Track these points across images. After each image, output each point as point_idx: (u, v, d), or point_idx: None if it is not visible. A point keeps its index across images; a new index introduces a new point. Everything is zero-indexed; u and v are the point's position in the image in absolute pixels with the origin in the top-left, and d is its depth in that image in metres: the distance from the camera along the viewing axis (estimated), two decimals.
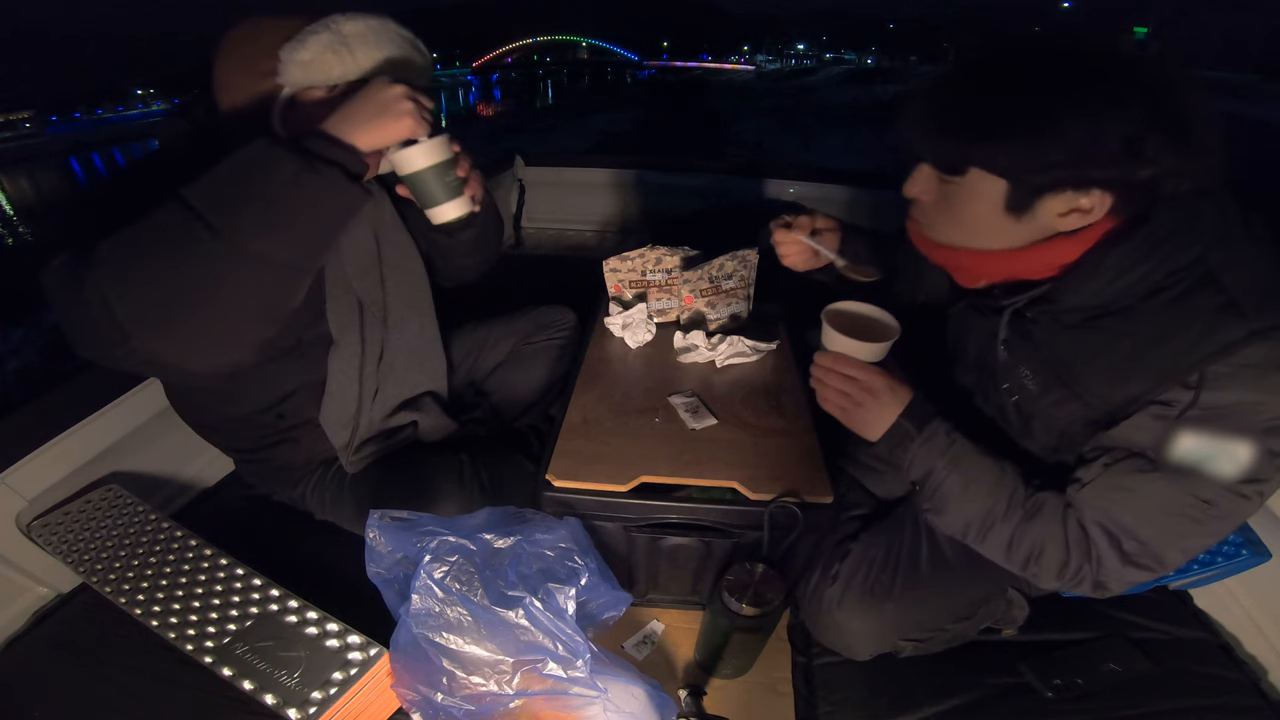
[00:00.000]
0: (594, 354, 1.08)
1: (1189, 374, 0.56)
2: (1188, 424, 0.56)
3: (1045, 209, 0.59)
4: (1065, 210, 0.58)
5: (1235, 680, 0.85)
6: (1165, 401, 0.58)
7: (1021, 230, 0.62)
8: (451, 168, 0.77)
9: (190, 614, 0.79)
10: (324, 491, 0.98)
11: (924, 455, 0.71)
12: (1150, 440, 0.59)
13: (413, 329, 1.00)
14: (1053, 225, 0.60)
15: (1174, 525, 0.59)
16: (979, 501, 0.68)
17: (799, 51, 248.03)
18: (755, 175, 2.37)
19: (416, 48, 0.79)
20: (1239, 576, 0.93)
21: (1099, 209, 0.57)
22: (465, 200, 0.80)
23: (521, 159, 2.47)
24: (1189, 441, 0.57)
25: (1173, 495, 0.58)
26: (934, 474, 0.70)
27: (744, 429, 0.91)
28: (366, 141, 0.68)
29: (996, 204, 0.61)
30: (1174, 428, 0.57)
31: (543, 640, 0.70)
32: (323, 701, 0.70)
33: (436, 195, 0.77)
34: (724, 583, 0.79)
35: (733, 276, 1.10)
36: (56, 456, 0.96)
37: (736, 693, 0.91)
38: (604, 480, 0.82)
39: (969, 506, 0.69)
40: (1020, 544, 0.67)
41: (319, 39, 0.72)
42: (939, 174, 0.65)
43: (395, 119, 0.68)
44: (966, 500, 0.69)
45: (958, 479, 0.69)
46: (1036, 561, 0.66)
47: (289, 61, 0.71)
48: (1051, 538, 0.64)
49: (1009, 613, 0.87)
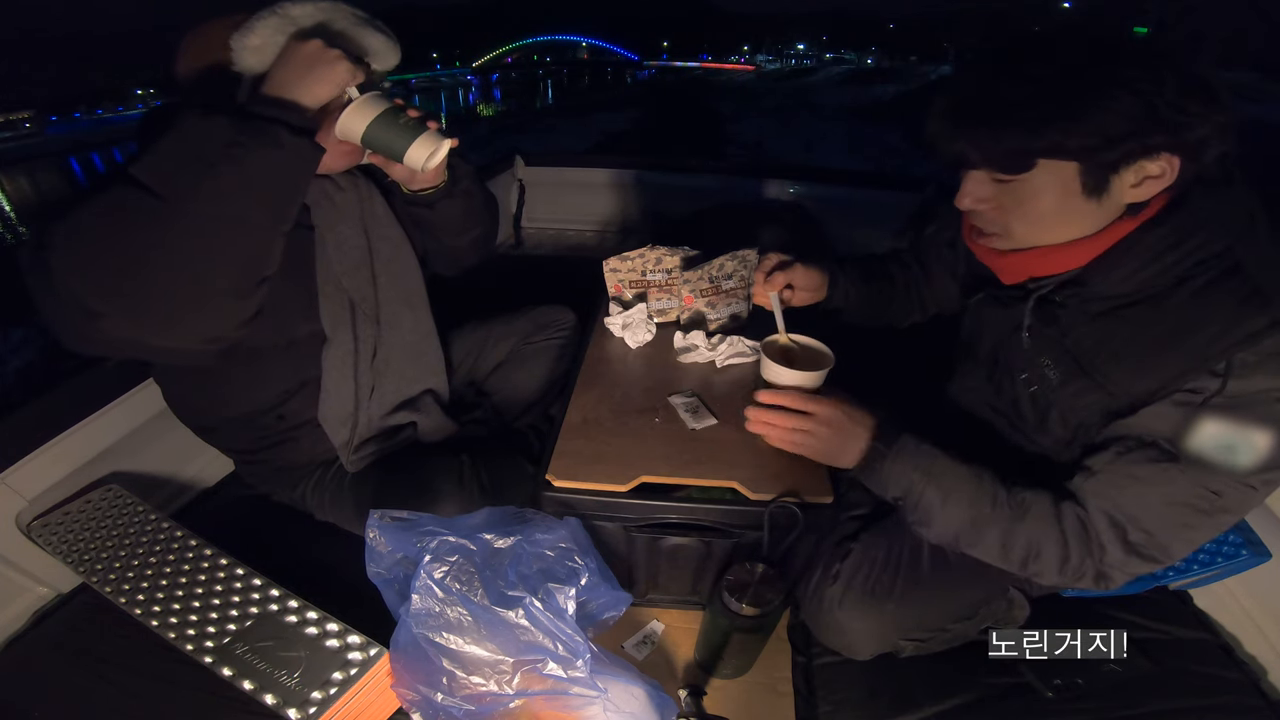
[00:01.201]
0: (594, 354, 1.08)
1: (1216, 362, 0.56)
2: (1212, 411, 0.57)
3: (1119, 184, 0.59)
4: (1137, 180, 0.58)
5: (1235, 680, 0.85)
6: (1191, 389, 0.58)
7: (1099, 211, 0.61)
8: (401, 113, 0.76)
9: (190, 614, 0.79)
10: (324, 492, 0.98)
11: (898, 472, 0.71)
12: (1169, 428, 0.59)
13: (407, 325, 1.00)
14: (1124, 199, 0.60)
15: (1181, 515, 0.59)
16: (962, 509, 0.68)
17: (799, 51, 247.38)
18: (755, 175, 2.37)
19: (375, 26, 0.79)
20: (1239, 576, 0.93)
21: (1170, 172, 0.57)
22: (432, 134, 0.77)
23: (521, 159, 2.47)
24: (1211, 428, 0.57)
25: (1184, 484, 0.58)
26: (912, 489, 0.71)
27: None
28: (308, 96, 0.68)
29: (1071, 191, 0.60)
30: (1197, 414, 0.57)
31: (543, 640, 0.70)
32: (323, 701, 0.70)
33: (400, 139, 0.75)
34: (724, 583, 0.79)
35: (733, 276, 1.10)
36: (56, 456, 0.96)
37: (736, 693, 0.91)
38: (604, 480, 0.82)
39: (953, 515, 0.69)
40: (1014, 545, 0.67)
41: (266, 24, 0.71)
42: (994, 177, 0.63)
43: (328, 65, 0.68)
44: (949, 510, 0.69)
45: (935, 491, 0.69)
46: (1035, 560, 0.66)
47: (240, 49, 0.71)
48: (1046, 535, 0.64)
49: (1010, 613, 0.87)
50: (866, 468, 0.73)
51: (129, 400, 1.05)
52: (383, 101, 0.74)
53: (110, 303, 0.61)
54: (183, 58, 0.77)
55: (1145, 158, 0.57)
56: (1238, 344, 0.56)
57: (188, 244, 0.62)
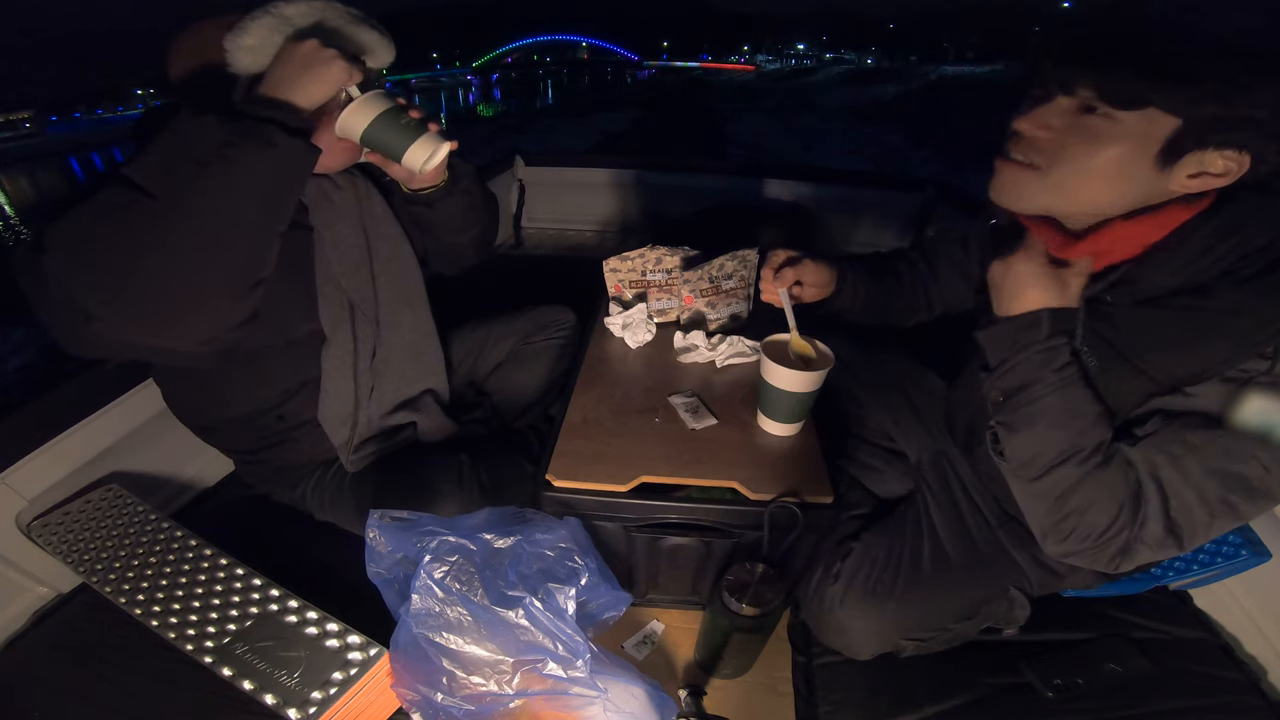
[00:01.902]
0: (594, 354, 1.08)
1: (1265, 345, 0.56)
2: (1260, 387, 0.56)
3: (1183, 166, 0.57)
4: (1195, 171, 0.57)
5: (1235, 680, 0.85)
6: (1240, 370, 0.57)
7: (1146, 189, 0.59)
8: (402, 113, 0.76)
9: (190, 614, 0.79)
10: (324, 492, 0.98)
11: (1035, 365, 0.64)
12: (1216, 404, 0.58)
13: (406, 325, 1.00)
14: (1174, 185, 0.58)
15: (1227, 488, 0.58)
16: (1067, 434, 0.63)
17: (799, 51, 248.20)
18: (755, 175, 2.37)
19: (370, 24, 0.79)
20: (1239, 576, 0.93)
21: (1234, 172, 0.56)
22: (433, 136, 0.77)
23: (521, 159, 2.47)
24: (1259, 403, 0.56)
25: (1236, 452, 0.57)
26: (1033, 387, 0.63)
27: (744, 429, 0.91)
28: (304, 97, 0.68)
29: (1149, 150, 0.57)
30: (1244, 390, 0.56)
31: (543, 640, 0.70)
32: (323, 701, 0.70)
33: (400, 139, 0.75)
34: (724, 583, 0.79)
35: (733, 276, 1.10)
36: (56, 456, 0.96)
37: (736, 693, 0.91)
38: (604, 480, 0.82)
39: (1054, 436, 0.63)
40: (1076, 493, 0.62)
41: (261, 23, 0.71)
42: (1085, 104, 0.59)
43: (324, 65, 0.68)
44: (1054, 429, 0.63)
45: (1057, 403, 0.63)
46: (1080, 515, 0.62)
47: (235, 49, 0.71)
48: (1111, 493, 0.61)
49: (1010, 612, 0.87)
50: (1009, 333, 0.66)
51: (129, 400, 1.05)
52: (384, 101, 0.74)
53: (107, 305, 0.60)
54: (176, 58, 0.76)
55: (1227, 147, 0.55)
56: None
57: (183, 244, 0.62)
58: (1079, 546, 0.63)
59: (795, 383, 0.82)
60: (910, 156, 26.91)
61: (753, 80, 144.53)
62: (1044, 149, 0.62)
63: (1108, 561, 0.62)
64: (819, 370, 0.82)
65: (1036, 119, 0.62)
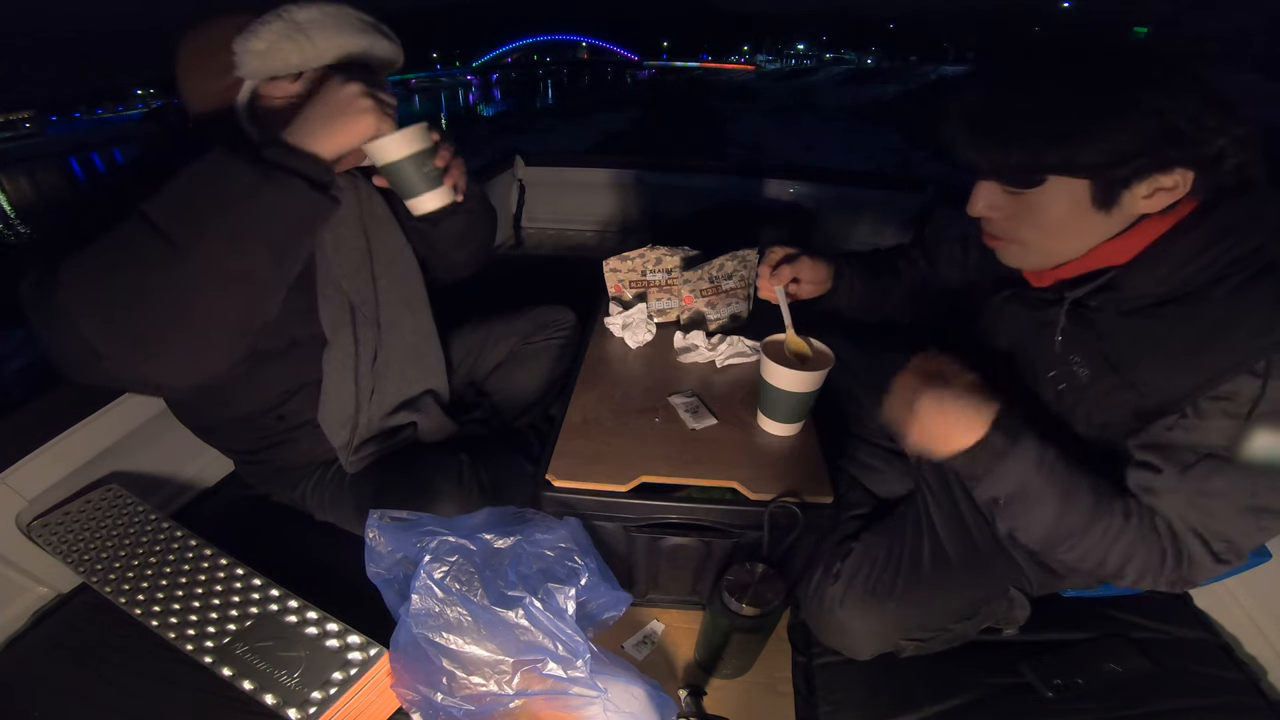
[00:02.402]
0: (594, 354, 1.08)
1: (1254, 362, 0.55)
2: (1261, 420, 0.55)
3: (1130, 196, 0.59)
4: (1150, 192, 0.58)
5: (1235, 680, 0.85)
6: (1228, 395, 0.57)
7: (1110, 221, 0.61)
8: (429, 157, 0.75)
9: (190, 614, 0.79)
10: (324, 492, 0.98)
11: (1017, 471, 0.64)
12: (1224, 440, 0.58)
13: (407, 327, 0.99)
14: (1138, 209, 0.60)
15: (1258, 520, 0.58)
16: (1078, 517, 0.63)
17: (799, 51, 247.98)
18: (755, 175, 2.37)
19: (380, 30, 0.78)
20: (1239, 576, 0.93)
21: (1183, 185, 0.57)
22: (446, 190, 0.78)
23: (521, 159, 2.47)
24: (1266, 438, 0.55)
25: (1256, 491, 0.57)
26: (1026, 491, 0.64)
27: (744, 429, 0.91)
28: (328, 147, 0.66)
29: (1082, 204, 0.60)
30: (1247, 425, 0.56)
31: (543, 640, 0.70)
32: (323, 701, 0.70)
33: (414, 186, 0.76)
34: (724, 583, 0.79)
35: (733, 276, 1.10)
36: (56, 456, 0.96)
37: (736, 693, 0.91)
38: (604, 480, 0.82)
39: (1067, 522, 0.64)
40: (1114, 554, 0.63)
41: (272, 28, 0.69)
42: (1005, 189, 0.63)
43: (354, 118, 0.67)
44: (1064, 517, 0.64)
45: (1056, 496, 0.64)
46: (1127, 565, 0.63)
47: (244, 53, 0.70)
48: (1148, 544, 0.62)
49: (1010, 612, 0.87)
50: (973, 461, 0.66)
51: (129, 400, 1.05)
52: (419, 140, 0.74)
53: (118, 345, 0.60)
54: (182, 60, 0.75)
55: (1159, 172, 0.57)
56: (1276, 344, 0.54)
57: (201, 295, 0.62)
58: (1136, 585, 0.64)
59: (795, 382, 0.82)
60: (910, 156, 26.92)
61: (753, 80, 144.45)
62: (1004, 228, 0.67)
63: (1168, 588, 0.63)
64: (819, 370, 0.82)
65: (978, 205, 0.66)
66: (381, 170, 0.75)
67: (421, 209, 0.78)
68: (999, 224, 0.67)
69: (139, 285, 0.60)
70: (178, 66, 0.74)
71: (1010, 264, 0.71)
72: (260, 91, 0.74)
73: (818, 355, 0.88)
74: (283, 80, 0.73)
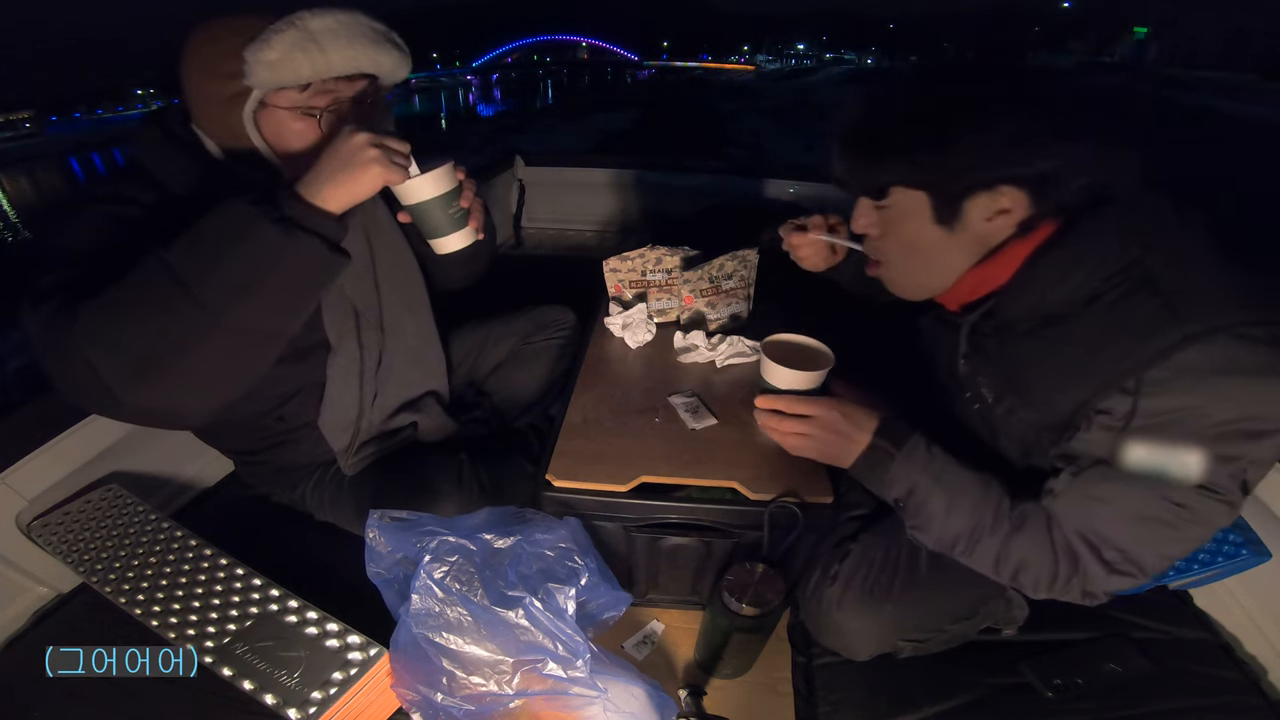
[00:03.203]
0: (594, 354, 1.08)
1: (1125, 380, 0.56)
2: (1134, 434, 0.56)
3: (972, 216, 0.62)
4: (990, 215, 0.62)
5: (1235, 680, 0.85)
6: (1107, 410, 0.58)
7: (963, 242, 0.65)
8: (455, 198, 0.77)
9: (190, 614, 0.79)
10: (323, 492, 0.98)
11: (904, 473, 0.70)
12: (1105, 452, 0.59)
13: (409, 330, 1.00)
14: (987, 232, 0.63)
15: (1149, 531, 0.59)
16: (965, 515, 0.67)
17: (799, 51, 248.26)
18: (755, 175, 2.37)
19: (391, 40, 0.77)
20: (1239, 576, 0.93)
21: (1018, 208, 0.60)
22: (469, 231, 0.81)
23: (521, 159, 2.47)
24: (1139, 451, 0.56)
25: (1144, 501, 0.58)
26: (916, 491, 0.69)
27: (744, 429, 0.91)
28: (337, 202, 0.66)
29: (927, 218, 0.64)
30: (1122, 439, 0.57)
31: (543, 640, 0.70)
32: (323, 701, 0.70)
33: (440, 227, 0.78)
34: (724, 583, 0.79)
35: (733, 276, 1.10)
36: (56, 456, 0.96)
37: (736, 693, 0.91)
38: (604, 480, 0.82)
39: (955, 521, 0.68)
40: (1008, 557, 0.66)
41: (284, 37, 0.68)
42: (872, 203, 0.69)
43: (360, 170, 0.66)
44: (953, 515, 0.68)
45: (942, 494, 0.68)
46: (1024, 572, 0.65)
47: (255, 63, 0.68)
48: (1040, 548, 0.64)
49: (1009, 613, 0.87)
50: (868, 468, 0.73)
51: None
52: (448, 180, 0.75)
53: (133, 392, 0.62)
54: (188, 63, 0.72)
55: (985, 190, 0.60)
56: (1146, 361, 0.55)
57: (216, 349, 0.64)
58: (1042, 595, 0.66)
59: (795, 383, 0.82)
60: None
61: (753, 80, 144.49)
62: (877, 248, 0.73)
63: (1079, 599, 0.65)
64: (818, 370, 0.82)
65: (857, 220, 0.72)
66: (407, 209, 0.76)
67: (445, 249, 0.80)
68: (874, 245, 0.72)
69: (159, 335, 0.62)
70: (182, 68, 0.73)
71: (893, 292, 0.76)
72: (266, 100, 0.73)
73: (818, 355, 0.88)
74: (290, 90, 0.72)
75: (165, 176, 0.75)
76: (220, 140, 0.76)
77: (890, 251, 0.71)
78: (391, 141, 0.68)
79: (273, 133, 0.75)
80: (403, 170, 0.69)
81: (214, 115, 0.74)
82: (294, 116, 0.74)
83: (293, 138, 0.75)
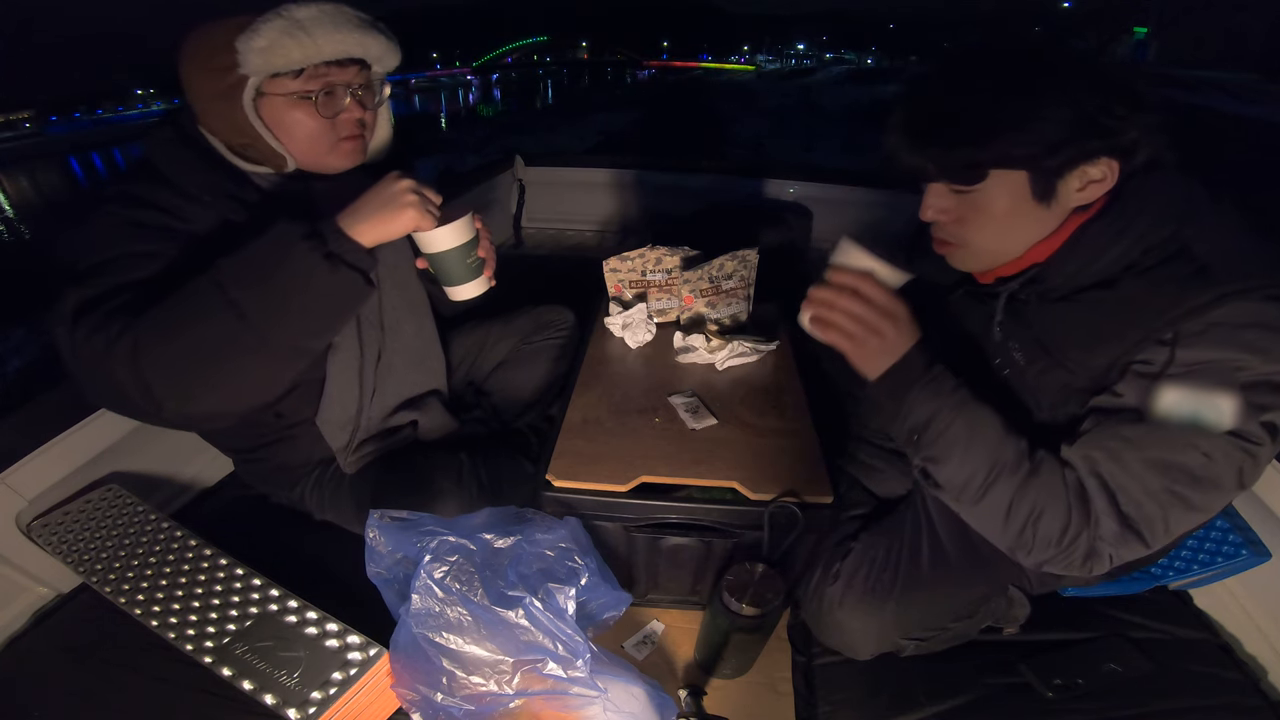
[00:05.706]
0: (594, 354, 1.08)
1: (1164, 332, 0.59)
2: (1170, 380, 0.58)
3: (1065, 188, 0.63)
4: (1081, 184, 0.62)
5: (1235, 680, 0.85)
6: (1145, 359, 0.60)
7: (1049, 216, 0.65)
8: (473, 249, 0.81)
9: (190, 614, 0.79)
10: (322, 491, 0.98)
11: (928, 397, 0.67)
12: (1136, 399, 0.60)
13: (410, 331, 1.00)
14: (1071, 202, 0.64)
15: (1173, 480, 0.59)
16: (986, 450, 0.65)
17: (799, 51, 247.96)
18: (755, 175, 2.37)
19: (377, 28, 0.80)
20: (1239, 576, 0.93)
21: (1110, 175, 0.61)
22: (483, 280, 0.84)
23: (521, 159, 2.47)
24: (1174, 395, 0.58)
25: (1171, 446, 0.58)
26: (938, 418, 0.67)
27: (744, 429, 0.91)
28: (372, 236, 0.72)
29: (1023, 198, 0.64)
30: (1157, 384, 0.59)
31: (543, 640, 0.70)
32: (322, 701, 0.70)
33: (456, 276, 0.81)
34: (724, 583, 0.79)
35: (733, 276, 1.10)
36: (56, 456, 0.96)
37: (736, 693, 0.91)
38: (604, 480, 0.82)
39: (975, 455, 0.65)
40: (1021, 503, 0.64)
41: (272, 25, 0.72)
42: (952, 189, 0.67)
43: (398, 211, 0.72)
44: (972, 448, 0.65)
45: (964, 424, 0.66)
46: (1035, 524, 0.63)
47: (246, 51, 0.72)
48: (1054, 496, 0.62)
49: (1010, 611, 0.87)
50: (891, 385, 0.69)
51: None
52: (468, 231, 0.79)
53: (179, 403, 0.66)
54: (185, 60, 0.75)
55: (1086, 162, 0.61)
56: (1182, 316, 0.58)
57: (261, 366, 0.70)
58: (1045, 555, 0.65)
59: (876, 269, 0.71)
60: None
61: (753, 80, 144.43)
62: (953, 231, 0.70)
63: (1080, 565, 0.64)
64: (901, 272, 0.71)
65: (929, 210, 0.70)
66: (426, 257, 0.80)
67: (460, 297, 0.84)
68: (948, 228, 0.71)
69: (210, 353, 0.66)
70: (181, 70, 0.76)
71: (959, 268, 0.75)
72: (264, 89, 0.75)
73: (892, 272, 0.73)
74: (284, 77, 0.75)
75: (177, 177, 0.77)
76: (227, 138, 0.78)
77: (970, 233, 0.69)
78: (428, 191, 0.75)
79: (274, 121, 0.77)
80: (434, 217, 0.75)
81: (218, 111, 0.76)
82: (291, 103, 0.77)
83: (293, 124, 0.78)
